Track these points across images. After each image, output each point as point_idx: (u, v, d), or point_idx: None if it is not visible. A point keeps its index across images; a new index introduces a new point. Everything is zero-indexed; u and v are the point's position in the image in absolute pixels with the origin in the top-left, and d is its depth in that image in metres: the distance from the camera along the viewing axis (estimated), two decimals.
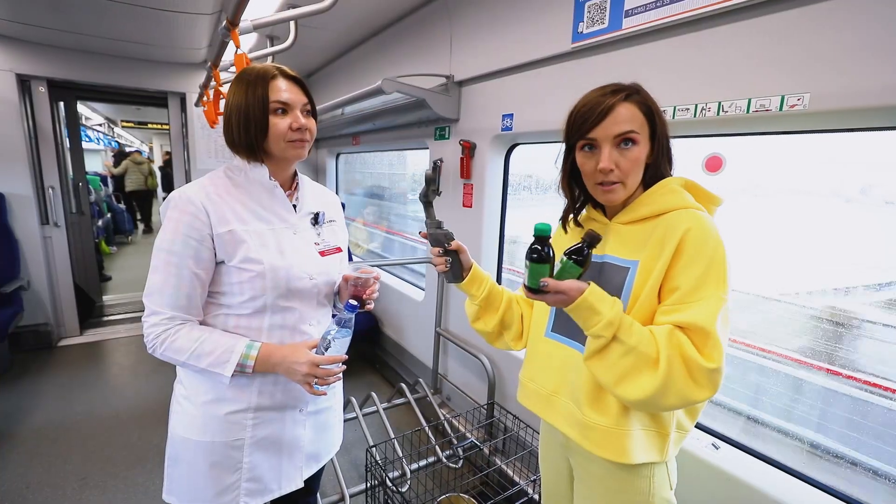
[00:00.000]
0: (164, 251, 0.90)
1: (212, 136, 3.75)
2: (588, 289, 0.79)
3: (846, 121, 1.04)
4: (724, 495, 1.25)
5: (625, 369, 0.78)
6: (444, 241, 1.04)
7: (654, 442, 0.88)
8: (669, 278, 0.80)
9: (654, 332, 0.78)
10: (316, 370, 0.91)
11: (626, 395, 0.78)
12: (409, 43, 2.57)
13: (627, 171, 0.84)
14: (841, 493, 1.15)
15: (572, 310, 0.80)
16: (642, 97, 0.86)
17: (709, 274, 0.77)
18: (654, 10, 1.30)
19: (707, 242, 0.78)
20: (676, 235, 0.80)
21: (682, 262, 0.79)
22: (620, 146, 0.83)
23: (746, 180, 1.46)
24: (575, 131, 0.87)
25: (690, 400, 0.76)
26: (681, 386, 0.75)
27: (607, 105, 0.83)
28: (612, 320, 0.78)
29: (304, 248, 1.01)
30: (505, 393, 2.13)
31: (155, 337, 0.90)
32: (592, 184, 0.88)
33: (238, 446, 0.98)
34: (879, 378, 1.27)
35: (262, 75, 0.92)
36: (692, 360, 0.74)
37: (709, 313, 0.75)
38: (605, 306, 0.79)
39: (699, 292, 0.77)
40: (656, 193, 0.88)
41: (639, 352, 0.77)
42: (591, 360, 0.83)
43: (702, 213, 0.84)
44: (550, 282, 0.79)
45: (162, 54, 3.31)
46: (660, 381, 0.75)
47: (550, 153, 1.07)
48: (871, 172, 1.27)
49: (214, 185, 0.95)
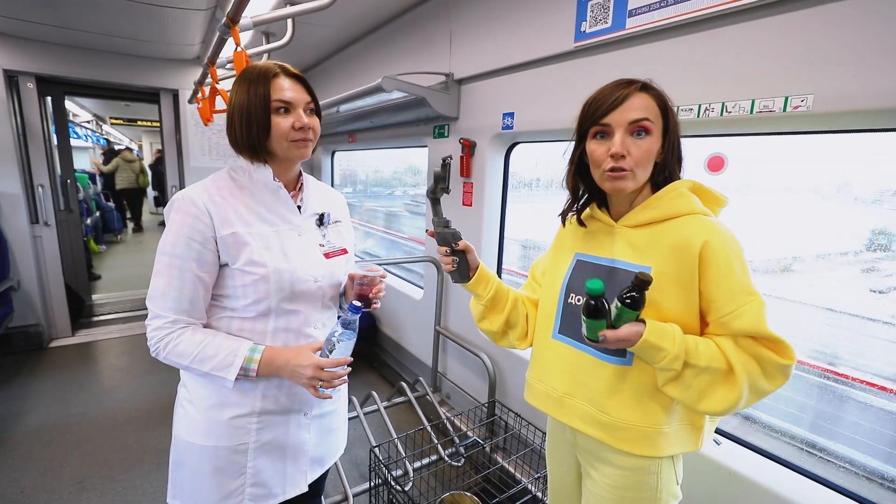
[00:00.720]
0: (166, 254, 0.89)
1: (205, 133, 3.70)
2: (646, 329, 0.79)
3: (850, 122, 1.06)
4: (726, 490, 1.27)
5: (702, 388, 0.81)
6: (452, 240, 1.04)
7: (688, 435, 0.90)
8: (704, 292, 0.82)
9: (719, 344, 0.81)
10: (321, 373, 0.90)
11: (709, 409, 0.81)
12: (407, 40, 2.56)
13: (639, 159, 0.83)
14: (841, 487, 1.17)
15: (636, 350, 0.82)
16: (658, 92, 0.87)
17: (739, 281, 0.80)
18: (658, 11, 1.30)
19: (727, 252, 0.80)
20: (695, 250, 0.81)
21: (710, 276, 0.81)
22: (634, 135, 0.83)
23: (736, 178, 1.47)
24: (588, 117, 0.87)
25: (766, 394, 0.81)
26: (758, 385, 0.79)
27: (623, 93, 0.84)
28: (677, 354, 0.79)
29: (308, 250, 1.00)
30: (506, 391, 2.14)
31: (158, 340, 0.89)
32: (601, 172, 0.87)
33: (242, 451, 0.97)
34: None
35: (264, 74, 0.91)
36: (768, 360, 0.78)
37: (758, 318, 0.78)
38: (666, 342, 0.79)
39: (737, 300, 0.79)
40: (665, 197, 0.88)
41: (712, 370, 0.80)
42: (668, 387, 0.84)
43: (710, 219, 0.85)
44: (609, 334, 0.79)
45: (154, 50, 3.25)
46: (738, 389, 0.79)
47: (552, 152, 1.06)
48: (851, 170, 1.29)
49: (217, 186, 0.93)
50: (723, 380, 0.79)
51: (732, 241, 0.82)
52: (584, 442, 0.98)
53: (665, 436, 0.88)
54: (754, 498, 1.22)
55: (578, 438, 0.99)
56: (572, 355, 0.96)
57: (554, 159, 2.23)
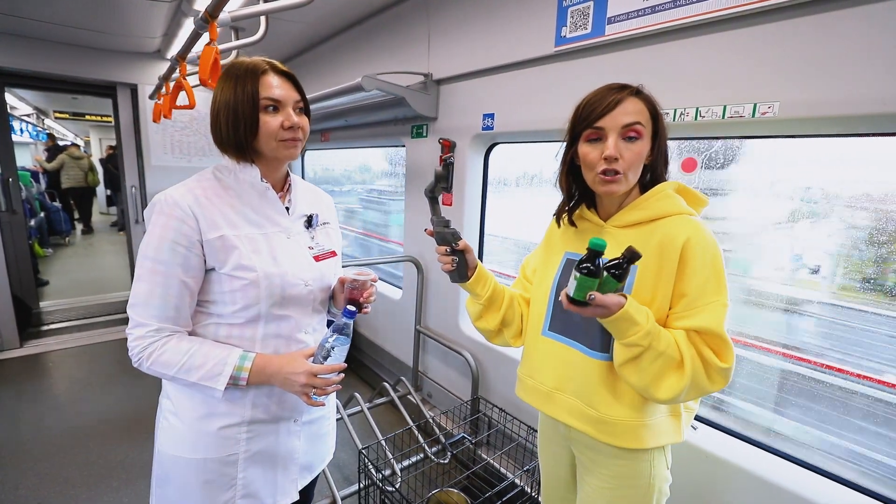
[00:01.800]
0: (149, 259, 0.84)
1: (167, 130, 3.53)
2: (628, 301, 0.82)
3: (812, 128, 1.15)
4: (704, 471, 1.35)
5: (655, 373, 0.84)
6: (452, 240, 1.04)
7: (670, 425, 0.95)
8: (678, 286, 0.86)
9: (674, 335, 0.85)
10: (315, 380, 0.87)
11: (657, 395, 0.85)
12: (383, 39, 2.54)
13: (631, 163, 0.87)
14: (810, 464, 1.27)
15: (610, 321, 0.82)
16: (649, 97, 0.91)
17: (711, 280, 0.84)
18: (636, 20, 1.37)
19: (707, 250, 0.85)
20: (677, 245, 0.85)
21: (687, 271, 0.85)
22: (626, 139, 0.87)
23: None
24: (582, 121, 0.90)
25: (706, 393, 0.86)
26: (700, 383, 0.83)
27: (617, 98, 0.87)
28: (650, 330, 0.82)
29: (298, 253, 0.97)
30: (489, 387, 2.17)
31: (141, 350, 0.85)
32: (594, 175, 0.90)
33: (232, 462, 0.94)
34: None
35: (252, 70, 0.87)
36: (709, 362, 0.82)
37: (717, 318, 0.82)
38: (641, 317, 0.82)
39: (705, 297, 0.84)
40: (652, 199, 0.92)
41: (667, 356, 0.83)
42: (625, 367, 0.87)
43: (695, 218, 0.90)
44: (598, 296, 0.79)
45: (111, 42, 3.07)
46: (686, 380, 0.82)
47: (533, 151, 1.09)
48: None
49: (202, 187, 0.89)
50: (674, 368, 0.83)
51: (713, 244, 0.86)
52: (577, 435, 1.01)
53: (648, 428, 0.92)
54: (728, 476, 1.31)
55: (572, 432, 1.02)
56: (561, 351, 0.99)
57: (514, 158, 2.27)
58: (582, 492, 1.04)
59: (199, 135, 3.71)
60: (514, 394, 2.01)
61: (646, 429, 0.92)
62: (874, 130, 1.09)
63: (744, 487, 1.28)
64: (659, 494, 0.96)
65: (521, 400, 1.11)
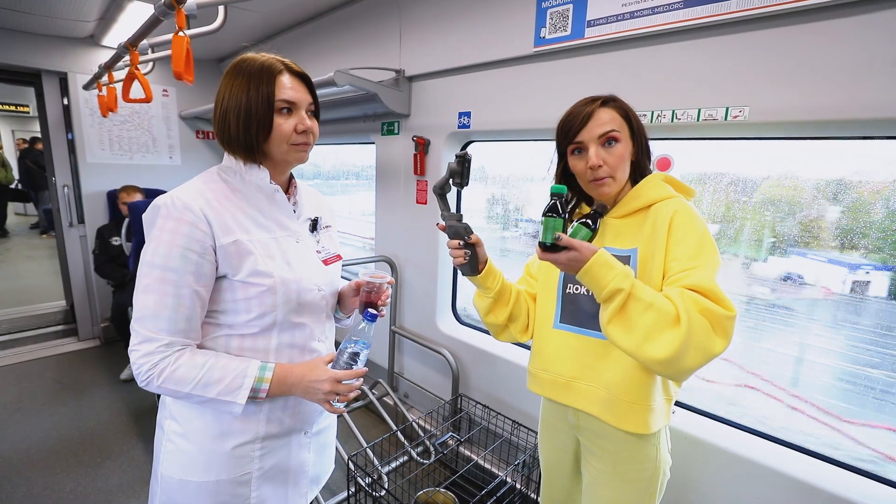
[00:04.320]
0: (157, 267, 0.78)
1: (104, 124, 3.22)
2: (601, 249, 0.85)
3: (780, 131, 1.25)
4: (686, 452, 1.44)
5: (647, 327, 0.80)
6: (465, 233, 1.05)
7: (665, 409, 1.00)
8: (668, 254, 0.91)
9: (666, 292, 0.85)
10: (339, 387, 0.85)
11: (651, 354, 0.80)
12: (351, 33, 2.46)
13: (614, 166, 0.95)
14: (778, 438, 1.39)
15: (587, 270, 0.83)
16: (619, 103, 0.99)
17: (702, 245, 0.88)
18: (615, 24, 1.41)
19: (694, 220, 0.91)
20: (666, 219, 0.92)
21: (674, 238, 0.90)
22: (605, 145, 0.95)
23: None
24: (563, 138, 0.99)
25: (710, 353, 0.79)
26: (702, 338, 0.78)
27: (588, 111, 0.96)
28: (627, 272, 0.84)
29: (308, 257, 0.94)
30: (469, 384, 2.18)
31: (151, 367, 0.78)
32: (586, 182, 0.99)
33: (245, 481, 0.90)
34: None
35: (268, 70, 0.83)
36: (712, 311, 0.79)
37: (708, 275, 0.84)
38: (616, 263, 0.85)
39: (697, 259, 0.86)
40: (643, 188, 0.99)
41: (657, 307, 0.80)
42: (612, 323, 0.85)
43: (684, 199, 0.97)
44: (564, 237, 0.83)
45: (36, 24, 2.74)
46: (683, 334, 0.77)
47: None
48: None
49: (212, 189, 0.84)
50: (668, 323, 0.79)
51: (699, 216, 0.92)
52: (587, 423, 1.05)
53: (654, 412, 0.97)
54: (706, 455, 1.40)
55: (581, 420, 1.06)
56: (576, 341, 1.04)
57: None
58: (588, 477, 1.08)
59: (141, 129, 3.41)
60: (497, 389, 2.05)
61: (652, 413, 0.96)
62: (833, 134, 1.21)
63: (719, 464, 1.38)
64: (663, 477, 1.02)
65: (535, 393, 1.14)
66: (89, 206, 3.29)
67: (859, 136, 1.19)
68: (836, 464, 1.27)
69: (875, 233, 1.35)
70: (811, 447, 1.33)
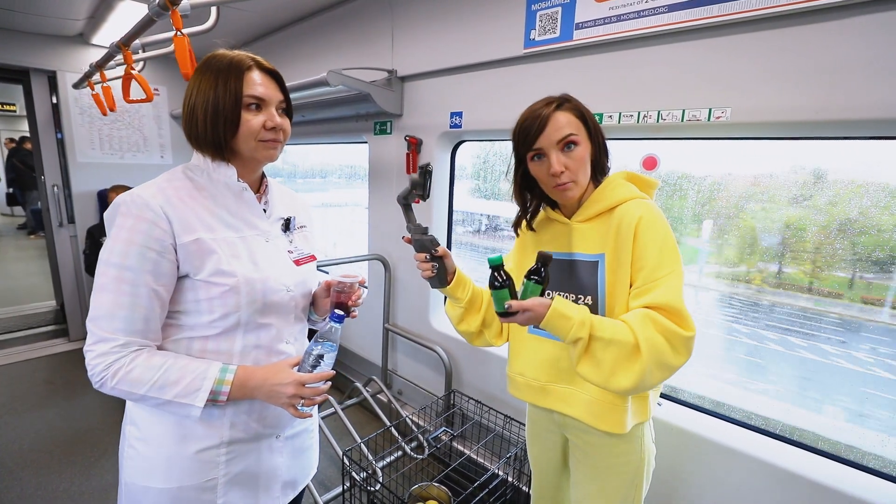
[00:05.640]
0: (114, 266, 0.77)
1: (94, 123, 3.20)
2: (554, 300, 0.87)
3: (759, 131, 1.29)
4: (672, 443, 1.48)
5: (611, 363, 0.85)
6: (431, 247, 1.05)
7: (639, 406, 1.01)
8: (635, 261, 0.92)
9: (625, 320, 0.88)
10: (303, 390, 0.82)
11: (619, 385, 0.85)
12: (343, 33, 2.48)
13: (576, 170, 0.95)
14: (763, 429, 1.44)
15: (546, 324, 0.87)
16: (573, 104, 0.98)
17: (664, 251, 0.90)
18: (602, 27, 1.45)
19: (657, 225, 0.92)
20: (632, 224, 0.92)
21: (639, 246, 0.92)
22: (565, 149, 0.94)
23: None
24: (521, 144, 0.97)
25: (673, 369, 0.85)
26: (664, 358, 0.83)
27: (545, 115, 0.94)
28: (583, 320, 0.86)
29: (277, 257, 0.93)
30: (462, 380, 2.22)
31: (104, 368, 0.77)
32: (549, 187, 0.98)
33: (210, 487, 0.87)
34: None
35: (237, 66, 0.83)
36: (672, 332, 0.83)
37: (674, 291, 0.87)
38: (572, 310, 0.87)
39: (661, 269, 0.89)
40: (606, 190, 1.00)
41: (617, 341, 0.84)
42: (580, 365, 0.89)
43: (647, 201, 0.97)
44: (514, 303, 0.87)
45: (24, 22, 2.72)
46: (644, 362, 0.83)
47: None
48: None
49: (174, 187, 0.83)
50: (630, 354, 0.84)
51: (663, 221, 0.94)
52: (571, 421, 1.07)
53: (626, 412, 0.98)
54: (692, 445, 1.45)
55: (566, 418, 1.08)
56: (550, 346, 1.05)
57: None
58: (578, 472, 1.11)
59: (132, 128, 3.39)
60: (489, 385, 2.09)
61: (624, 413, 0.98)
62: (811, 135, 1.25)
63: (704, 454, 1.42)
64: (648, 466, 1.06)
65: (515, 397, 1.16)
66: (79, 205, 3.27)
67: (837, 137, 1.24)
68: (816, 452, 1.32)
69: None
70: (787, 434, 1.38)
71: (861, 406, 1.52)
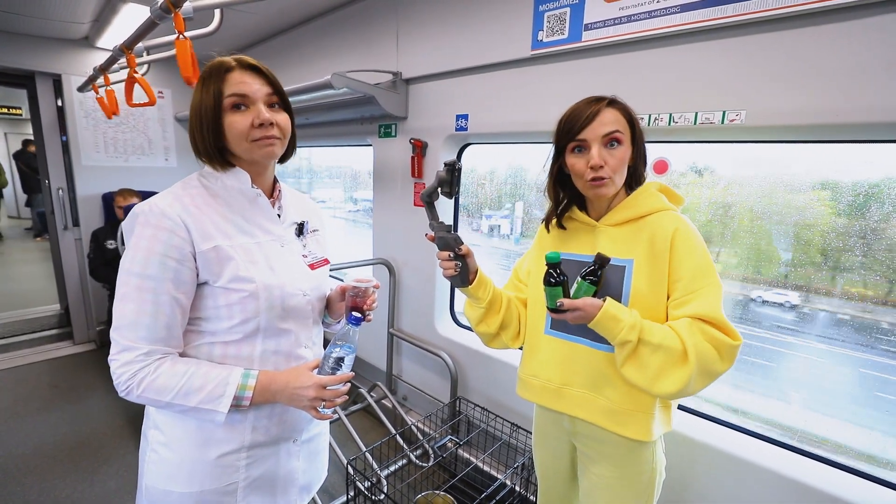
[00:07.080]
0: (135, 275, 0.78)
1: (99, 127, 3.20)
2: (606, 302, 0.88)
3: (774, 135, 1.26)
4: (682, 453, 1.44)
5: (657, 367, 0.87)
6: (455, 245, 1.04)
7: (665, 415, 1.00)
8: (672, 272, 0.93)
9: (673, 327, 0.88)
10: (324, 392, 0.84)
11: (663, 390, 0.87)
12: (348, 35, 2.46)
13: (615, 168, 0.94)
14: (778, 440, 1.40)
15: (596, 324, 0.88)
16: (623, 105, 0.98)
17: (702, 263, 0.91)
18: (612, 27, 1.42)
19: (694, 238, 0.93)
20: (667, 236, 0.93)
21: (677, 257, 0.92)
22: (608, 146, 0.94)
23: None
24: (565, 134, 0.97)
25: (716, 376, 0.87)
26: (711, 366, 0.85)
27: (594, 110, 0.94)
28: (633, 323, 0.87)
29: (293, 261, 0.93)
30: (468, 387, 2.18)
31: (130, 377, 0.77)
32: (584, 182, 0.97)
33: (231, 491, 0.88)
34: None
35: (217, 68, 0.83)
36: (719, 341, 0.85)
37: (713, 302, 0.88)
38: (624, 314, 0.88)
39: (700, 280, 0.90)
40: (640, 197, 0.99)
41: (666, 347, 0.86)
42: (626, 367, 0.91)
43: (678, 213, 0.98)
44: (567, 301, 0.89)
45: (29, 26, 2.72)
46: (691, 369, 0.84)
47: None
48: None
49: (190, 195, 0.84)
50: (678, 359, 0.86)
51: (697, 232, 0.95)
52: (583, 429, 1.05)
53: (654, 419, 0.97)
54: (702, 456, 1.41)
55: (578, 426, 1.05)
56: (566, 348, 1.04)
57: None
58: (586, 481, 1.08)
59: (136, 131, 3.39)
60: (495, 392, 2.05)
61: (653, 420, 0.97)
62: (830, 138, 1.21)
63: (715, 464, 1.38)
64: (659, 477, 1.03)
65: (525, 399, 1.13)
66: (84, 208, 3.27)
67: (855, 140, 1.20)
68: (829, 463, 1.28)
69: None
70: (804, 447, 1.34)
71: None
